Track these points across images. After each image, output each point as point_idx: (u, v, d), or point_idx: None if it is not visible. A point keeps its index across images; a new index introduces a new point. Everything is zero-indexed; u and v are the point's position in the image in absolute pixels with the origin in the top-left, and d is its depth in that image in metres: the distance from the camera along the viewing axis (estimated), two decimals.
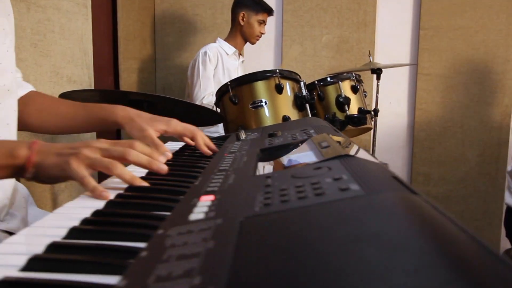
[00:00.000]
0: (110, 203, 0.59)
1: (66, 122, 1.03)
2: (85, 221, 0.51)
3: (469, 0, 2.85)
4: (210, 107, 2.36)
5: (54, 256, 0.41)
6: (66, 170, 0.63)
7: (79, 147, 0.66)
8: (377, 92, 2.28)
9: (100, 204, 0.58)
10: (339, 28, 2.99)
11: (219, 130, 2.31)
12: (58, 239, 0.45)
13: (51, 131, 1.06)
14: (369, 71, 2.32)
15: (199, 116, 1.74)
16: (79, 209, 0.56)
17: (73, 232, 0.47)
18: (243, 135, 1.07)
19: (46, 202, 1.87)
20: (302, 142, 0.84)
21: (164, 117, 1.00)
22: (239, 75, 2.55)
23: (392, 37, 2.97)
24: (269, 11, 2.55)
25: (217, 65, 2.48)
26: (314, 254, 0.30)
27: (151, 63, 3.09)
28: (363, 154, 0.65)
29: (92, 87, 2.15)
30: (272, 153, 0.83)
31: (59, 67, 1.87)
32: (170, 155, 0.84)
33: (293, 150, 0.81)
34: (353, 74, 1.99)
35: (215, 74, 2.48)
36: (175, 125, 0.97)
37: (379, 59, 2.75)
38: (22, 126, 0.99)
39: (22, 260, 0.39)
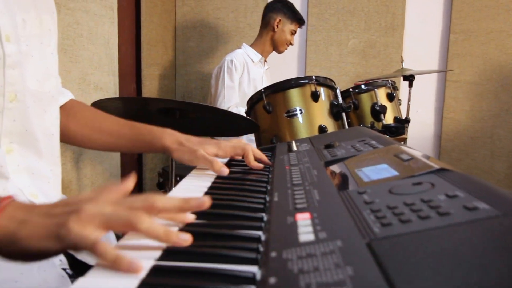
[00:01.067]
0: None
1: (110, 140, 0.98)
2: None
3: (503, 2, 2.74)
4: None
5: None
6: (63, 237, 0.43)
7: (79, 202, 0.47)
8: (409, 100, 2.20)
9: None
10: (366, 32, 2.91)
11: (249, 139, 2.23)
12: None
13: (94, 147, 1.01)
14: (399, 77, 2.24)
15: (233, 125, 1.67)
16: None
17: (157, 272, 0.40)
18: (295, 146, 1.00)
19: None
20: (369, 154, 0.77)
21: (211, 139, 0.97)
22: (264, 84, 2.49)
23: (421, 42, 2.88)
24: (302, 22, 2.49)
25: (242, 74, 2.41)
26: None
27: (171, 70, 3.04)
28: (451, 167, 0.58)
29: (117, 95, 2.10)
30: (339, 166, 0.75)
31: (87, 74, 1.82)
32: (227, 171, 0.83)
33: (365, 163, 0.74)
34: (389, 81, 1.91)
35: (240, 83, 2.41)
36: (225, 146, 0.93)
37: (407, 64, 2.66)
38: (64, 137, 0.93)
39: None
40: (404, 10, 2.85)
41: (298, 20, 2.46)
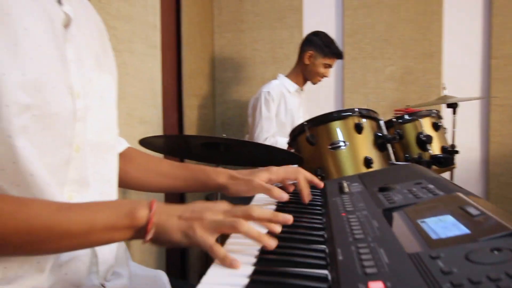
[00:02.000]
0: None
1: (166, 181, 1.02)
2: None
3: None
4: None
5: None
6: (191, 237, 0.63)
7: (201, 210, 0.66)
8: (454, 127, 2.15)
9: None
10: (403, 59, 2.89)
11: None
12: None
13: (151, 189, 1.04)
14: (440, 104, 2.19)
15: (276, 157, 1.68)
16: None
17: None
18: (346, 187, 0.99)
19: (134, 253, 1.86)
20: (431, 202, 0.76)
21: (261, 168, 0.99)
22: (301, 113, 2.51)
23: (461, 68, 2.83)
24: (338, 55, 2.46)
25: (279, 105, 2.44)
26: None
27: (210, 99, 3.10)
28: None
29: (161, 126, 2.16)
30: (400, 216, 0.74)
31: (133, 109, 1.89)
32: (286, 197, 0.88)
33: (427, 213, 0.73)
34: (434, 111, 1.88)
35: (277, 113, 2.44)
36: (277, 170, 0.98)
37: (449, 91, 2.61)
38: (122, 183, 0.98)
39: None
40: (441, 37, 2.81)
41: (332, 54, 2.44)
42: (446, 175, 2.66)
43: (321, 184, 0.96)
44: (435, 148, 1.82)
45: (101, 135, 0.83)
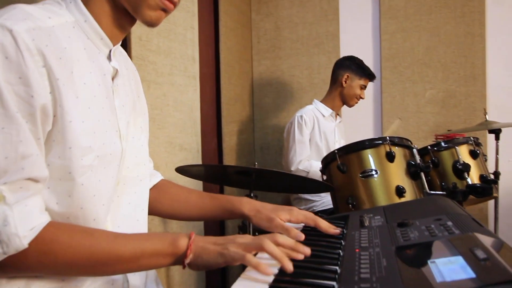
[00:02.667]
0: None
1: (195, 211, 1.10)
2: None
3: None
4: (306, 172, 2.33)
5: None
6: (225, 255, 0.75)
7: (233, 237, 0.78)
8: (497, 153, 2.08)
9: None
10: (444, 83, 2.84)
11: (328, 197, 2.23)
12: None
13: (180, 218, 1.15)
14: (484, 130, 2.13)
15: (306, 185, 1.70)
16: None
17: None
18: (367, 221, 1.00)
19: (174, 274, 1.94)
20: (445, 241, 0.76)
21: (285, 206, 1.06)
22: (336, 137, 2.52)
23: (506, 91, 2.73)
24: (372, 77, 2.52)
25: (313, 128, 2.47)
26: None
27: (249, 124, 3.18)
28: None
29: (200, 153, 2.25)
30: (411, 254, 0.75)
31: (173, 137, 1.99)
32: (302, 237, 0.92)
33: (438, 253, 0.73)
34: (471, 138, 1.83)
35: (311, 138, 2.47)
36: (297, 214, 1.03)
37: (493, 114, 2.52)
38: (155, 211, 1.08)
39: None
40: (484, 59, 2.74)
41: (367, 75, 2.49)
42: (490, 204, 2.56)
43: (337, 233, 0.97)
44: (473, 177, 1.77)
45: (134, 170, 0.92)
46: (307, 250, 0.78)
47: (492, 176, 1.89)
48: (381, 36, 2.98)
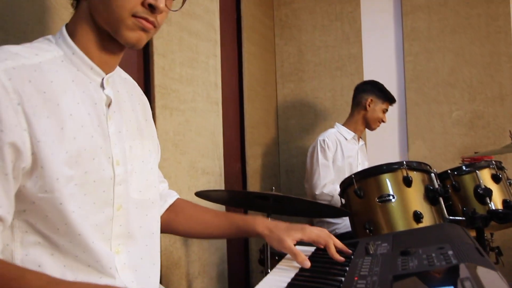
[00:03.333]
0: None
1: (210, 229, 1.14)
2: None
3: None
4: (331, 196, 2.34)
5: None
6: None
7: None
8: None
9: None
10: (471, 103, 2.79)
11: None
12: None
13: (197, 236, 1.21)
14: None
15: (323, 210, 1.71)
16: None
17: None
18: (372, 249, 1.01)
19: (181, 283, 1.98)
20: (440, 271, 0.76)
21: (298, 224, 1.08)
22: (359, 159, 2.52)
23: None
24: (393, 101, 2.55)
25: (336, 151, 2.48)
26: None
27: (274, 147, 3.22)
28: None
29: (222, 176, 2.30)
30: (405, 284, 0.76)
31: (195, 162, 2.05)
32: (308, 265, 0.95)
33: (432, 281, 0.74)
34: (493, 162, 1.80)
35: (334, 160, 2.48)
36: (310, 232, 1.06)
37: None
38: (172, 231, 1.13)
39: None
40: None
41: (389, 99, 2.52)
42: None
43: (349, 252, 1.01)
44: (496, 202, 1.73)
45: (144, 193, 0.96)
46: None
47: None
48: (405, 58, 2.98)
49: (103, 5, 0.81)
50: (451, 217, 1.61)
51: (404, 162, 1.65)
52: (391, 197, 1.62)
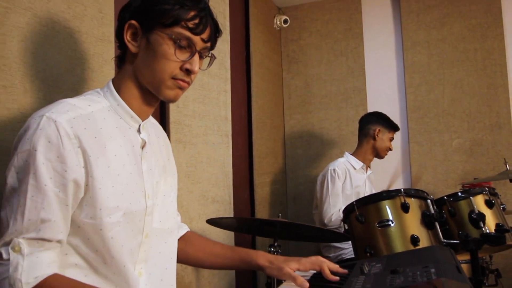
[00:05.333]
0: None
1: (217, 260, 1.27)
2: None
3: None
4: (339, 222, 2.44)
5: None
6: None
7: None
8: None
9: None
10: (470, 132, 2.91)
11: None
12: None
13: (205, 266, 1.31)
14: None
15: (325, 235, 1.82)
16: None
17: None
18: (366, 269, 1.13)
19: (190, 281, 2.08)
20: (418, 285, 0.88)
21: (295, 257, 1.21)
22: (366, 188, 2.63)
23: None
24: (397, 129, 2.69)
25: (345, 181, 2.60)
26: None
27: (282, 175, 3.35)
28: None
29: (231, 204, 2.43)
30: None
31: (206, 191, 2.19)
32: (307, 285, 1.07)
33: None
34: (486, 188, 1.90)
35: (343, 189, 2.58)
36: (305, 262, 1.19)
37: None
38: (182, 260, 1.25)
39: None
40: (509, 108, 2.82)
41: (394, 127, 2.65)
42: None
43: (345, 271, 1.14)
44: (490, 226, 1.82)
45: (164, 224, 1.10)
46: None
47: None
48: (406, 89, 3.13)
49: (147, 69, 0.99)
50: (446, 241, 1.70)
51: (402, 190, 1.76)
52: (390, 222, 1.73)
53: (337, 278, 1.11)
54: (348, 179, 2.61)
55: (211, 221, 1.80)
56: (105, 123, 0.97)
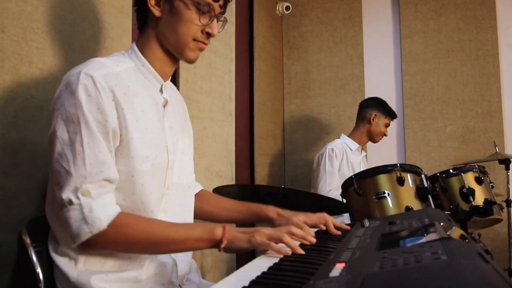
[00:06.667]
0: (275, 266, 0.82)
1: (230, 214, 1.36)
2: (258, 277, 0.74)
3: None
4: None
5: None
6: (253, 242, 0.97)
7: (258, 228, 1.00)
8: (508, 183, 2.24)
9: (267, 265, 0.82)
10: (463, 119, 3.04)
11: (344, 219, 2.46)
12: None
13: (219, 220, 1.39)
14: (497, 162, 2.31)
15: (327, 206, 1.93)
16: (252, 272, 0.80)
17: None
18: (367, 223, 1.24)
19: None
20: (413, 228, 0.99)
21: (302, 212, 1.31)
22: (361, 169, 2.74)
23: None
24: (394, 116, 2.80)
25: (342, 160, 2.71)
26: None
27: (280, 158, 3.46)
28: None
29: (233, 180, 2.53)
30: (390, 236, 0.99)
31: (211, 165, 2.29)
32: (312, 233, 1.13)
33: (406, 232, 0.97)
34: (476, 166, 2.03)
35: (340, 168, 2.70)
36: (312, 216, 1.30)
37: (510, 148, 2.69)
38: (197, 215, 1.34)
39: None
40: (500, 97, 2.94)
41: (391, 114, 2.76)
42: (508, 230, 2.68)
43: (347, 227, 1.26)
44: (479, 200, 1.95)
45: (182, 179, 1.20)
46: (313, 240, 1.05)
47: (502, 203, 2.05)
48: (403, 77, 3.24)
49: (171, 32, 1.08)
50: None
51: (398, 164, 1.88)
52: (386, 195, 1.85)
53: (340, 233, 1.22)
54: (345, 159, 2.73)
55: (218, 190, 1.90)
56: (132, 81, 1.06)
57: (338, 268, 0.72)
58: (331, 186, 2.65)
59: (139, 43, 1.13)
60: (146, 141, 1.03)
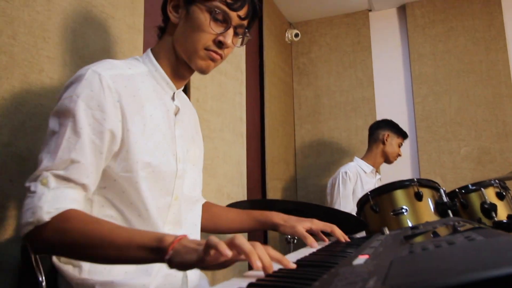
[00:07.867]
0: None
1: (233, 225, 1.32)
2: None
3: None
4: None
5: None
6: (198, 250, 0.73)
7: (215, 240, 0.71)
8: None
9: None
10: (477, 140, 2.97)
11: None
12: None
13: (221, 231, 1.35)
14: None
15: (343, 224, 1.86)
16: None
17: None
18: (387, 231, 1.18)
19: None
20: (438, 229, 0.93)
21: (308, 218, 1.28)
22: None
23: None
24: (406, 136, 2.78)
25: (356, 183, 2.65)
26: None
27: (292, 183, 3.40)
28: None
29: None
30: (416, 235, 0.93)
31: (222, 186, 2.24)
32: (316, 245, 1.10)
33: (435, 232, 0.91)
34: (496, 181, 1.96)
35: (354, 192, 2.63)
36: (317, 223, 1.26)
37: None
38: (201, 227, 1.28)
39: None
40: None
41: (402, 134, 2.74)
42: None
43: (347, 240, 1.21)
44: (501, 216, 1.86)
45: (192, 190, 1.16)
46: (291, 265, 0.74)
47: None
48: (414, 99, 3.21)
49: (184, 38, 1.06)
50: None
51: (415, 179, 1.82)
52: (403, 210, 1.78)
53: (348, 239, 1.18)
54: (359, 182, 2.66)
55: (230, 206, 1.85)
56: (143, 85, 1.03)
57: (361, 258, 0.66)
58: (345, 210, 2.57)
59: (155, 49, 1.12)
60: (150, 147, 1.00)
